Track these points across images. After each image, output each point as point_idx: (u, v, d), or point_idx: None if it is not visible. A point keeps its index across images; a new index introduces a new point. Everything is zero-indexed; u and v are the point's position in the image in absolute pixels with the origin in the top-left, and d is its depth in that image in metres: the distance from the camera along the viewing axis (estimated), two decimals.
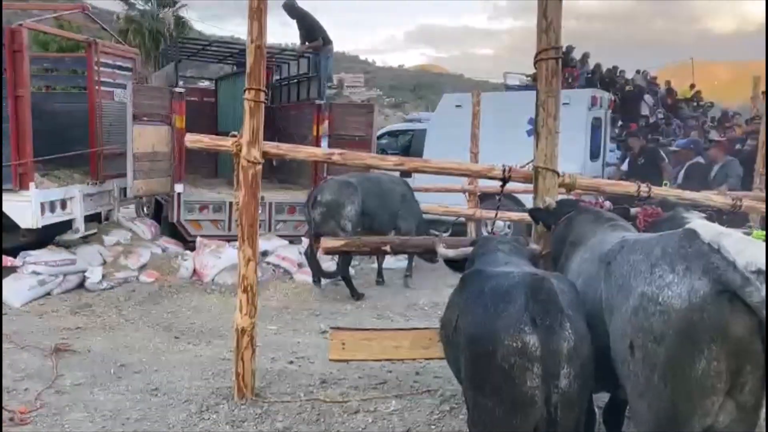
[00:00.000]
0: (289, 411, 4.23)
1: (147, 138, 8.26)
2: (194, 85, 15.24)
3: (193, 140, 4.61)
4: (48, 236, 7.77)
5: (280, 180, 10.43)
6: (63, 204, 7.64)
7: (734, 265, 2.26)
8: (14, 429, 3.92)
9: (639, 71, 16.44)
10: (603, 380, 2.75)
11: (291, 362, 5.23)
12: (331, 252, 5.34)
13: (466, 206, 9.32)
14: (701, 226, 2.52)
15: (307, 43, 10.44)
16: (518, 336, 2.48)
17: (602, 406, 3.43)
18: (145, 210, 10.78)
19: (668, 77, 18.56)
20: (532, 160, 4.24)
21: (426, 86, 76.41)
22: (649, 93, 15.19)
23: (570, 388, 2.48)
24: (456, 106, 11.49)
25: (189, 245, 8.49)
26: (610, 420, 3.38)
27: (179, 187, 8.65)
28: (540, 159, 4.15)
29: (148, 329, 6.13)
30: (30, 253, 7.16)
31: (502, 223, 9.37)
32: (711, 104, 17.76)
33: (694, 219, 3.55)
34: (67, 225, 7.89)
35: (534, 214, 4.10)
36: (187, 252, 8.18)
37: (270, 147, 4.51)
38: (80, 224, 7.91)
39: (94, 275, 7.34)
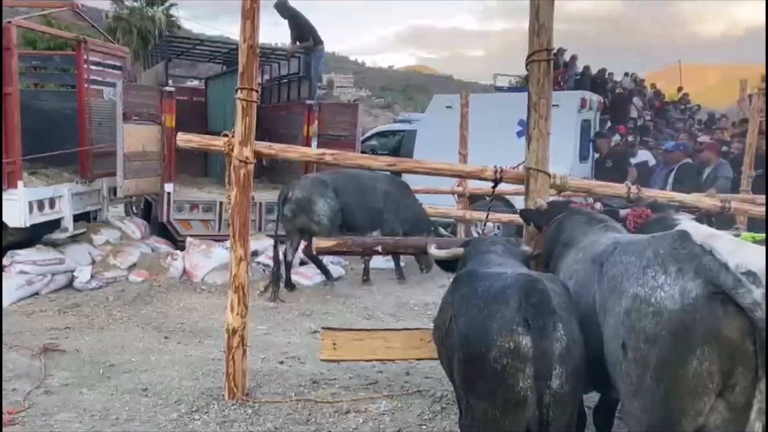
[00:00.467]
0: (280, 411, 4.22)
1: (137, 137, 8.22)
2: (184, 84, 15.17)
3: (185, 140, 4.60)
4: (36, 235, 7.69)
5: (271, 180, 10.40)
6: (52, 203, 7.57)
7: (726, 267, 2.29)
8: (2, 429, 3.89)
9: (628, 74, 16.58)
10: (595, 380, 2.77)
11: (281, 362, 5.21)
12: (324, 252, 5.33)
13: (456, 207, 9.33)
14: (692, 228, 2.54)
15: (298, 43, 10.41)
16: (511, 337, 2.50)
17: (592, 407, 3.45)
18: (135, 209, 10.72)
19: (656, 80, 18.74)
20: (524, 162, 4.26)
21: (416, 87, 76.67)
22: (638, 95, 15.32)
23: (562, 389, 2.50)
24: (446, 107, 11.50)
25: (179, 245, 8.45)
26: (601, 420, 3.40)
27: (169, 187, 8.60)
28: (532, 160, 4.17)
29: (138, 329, 6.09)
30: (18, 253, 7.10)
31: (492, 225, 9.39)
32: (698, 107, 17.94)
33: (684, 221, 3.57)
34: (56, 224, 7.80)
35: (525, 216, 4.12)
36: (177, 252, 8.13)
37: (262, 147, 4.51)
38: (69, 223, 7.84)
39: (83, 275, 7.30)
